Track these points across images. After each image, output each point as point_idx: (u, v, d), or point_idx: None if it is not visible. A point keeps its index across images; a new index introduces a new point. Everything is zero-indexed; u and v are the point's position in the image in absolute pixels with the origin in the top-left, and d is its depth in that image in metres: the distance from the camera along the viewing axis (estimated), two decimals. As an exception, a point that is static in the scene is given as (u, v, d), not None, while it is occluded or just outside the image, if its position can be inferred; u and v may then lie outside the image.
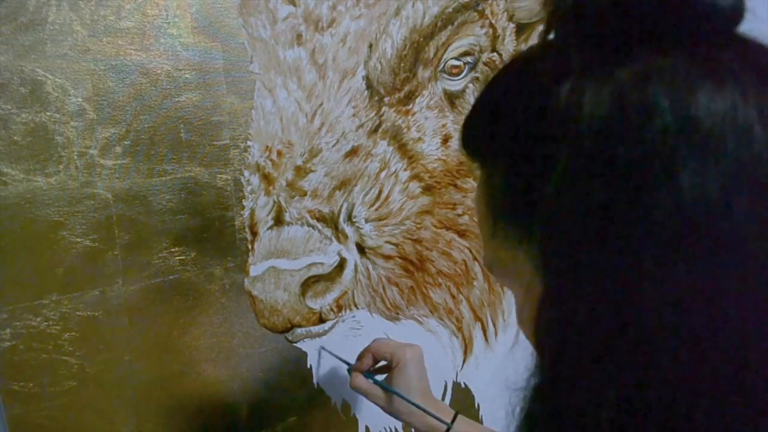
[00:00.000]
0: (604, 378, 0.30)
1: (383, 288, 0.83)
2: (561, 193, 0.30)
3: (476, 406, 1.03)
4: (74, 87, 0.59)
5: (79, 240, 0.63)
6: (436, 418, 0.66)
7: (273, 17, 0.67)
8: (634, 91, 0.28)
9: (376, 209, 0.79)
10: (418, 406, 0.66)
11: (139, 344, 0.69)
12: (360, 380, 0.71)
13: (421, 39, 0.75)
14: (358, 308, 0.81)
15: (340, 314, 0.80)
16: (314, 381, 0.82)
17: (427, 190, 0.83)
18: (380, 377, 0.73)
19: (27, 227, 0.60)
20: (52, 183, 0.60)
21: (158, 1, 0.61)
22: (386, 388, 0.69)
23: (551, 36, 0.34)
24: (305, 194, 0.73)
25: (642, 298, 0.28)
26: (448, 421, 0.65)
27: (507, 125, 0.34)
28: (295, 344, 0.80)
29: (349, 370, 0.74)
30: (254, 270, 0.73)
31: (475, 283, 0.93)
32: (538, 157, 0.31)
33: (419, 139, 0.80)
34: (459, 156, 0.84)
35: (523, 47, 0.86)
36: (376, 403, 0.71)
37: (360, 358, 0.74)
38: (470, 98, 0.83)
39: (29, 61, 0.57)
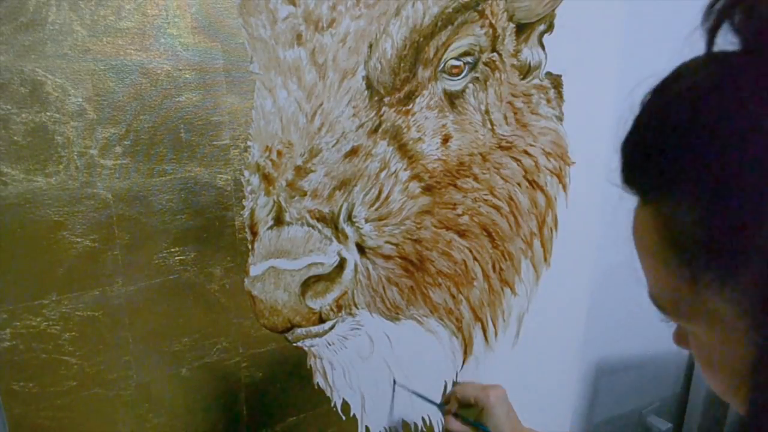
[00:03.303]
0: None
1: (383, 288, 0.83)
2: None
3: (476, 406, 1.03)
4: (74, 87, 0.59)
5: (79, 240, 0.63)
6: None
7: (273, 17, 0.67)
8: None
9: (376, 209, 0.79)
10: None
11: (139, 344, 0.69)
12: (454, 423, 0.76)
13: (421, 39, 0.75)
14: (358, 308, 0.81)
15: (339, 314, 0.80)
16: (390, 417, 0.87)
17: (427, 190, 0.83)
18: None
19: (27, 227, 0.60)
20: (52, 183, 0.60)
21: (158, 1, 0.61)
22: (481, 428, 0.73)
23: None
24: (305, 194, 0.73)
25: None
26: None
27: (702, 153, 0.28)
28: (295, 344, 0.80)
29: (441, 410, 0.80)
30: (254, 270, 0.73)
31: (475, 283, 0.93)
32: (755, 191, 0.27)
33: (419, 139, 0.80)
34: (459, 156, 0.84)
35: (523, 47, 0.86)
36: None
37: (447, 401, 0.78)
38: (470, 98, 0.83)
39: (29, 61, 0.57)
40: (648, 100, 0.33)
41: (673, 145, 0.30)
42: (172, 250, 0.68)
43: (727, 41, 0.30)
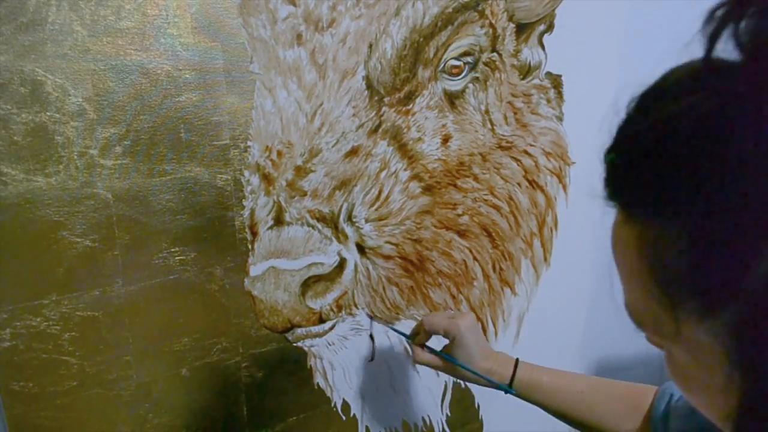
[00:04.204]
0: None
1: (383, 288, 0.83)
2: None
3: (476, 406, 1.03)
4: (74, 87, 0.59)
5: (79, 240, 0.63)
6: (493, 384, 0.70)
7: (273, 17, 0.67)
8: None
9: (376, 209, 0.79)
10: (476, 374, 0.70)
11: (139, 344, 0.69)
12: (422, 355, 0.75)
13: (421, 39, 0.75)
14: (358, 308, 0.81)
15: (340, 314, 0.80)
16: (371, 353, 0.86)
17: (427, 190, 0.83)
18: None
19: (27, 227, 0.60)
20: (52, 183, 0.60)
21: (158, 1, 0.61)
22: (448, 359, 0.73)
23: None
24: (305, 194, 0.73)
25: None
26: (506, 383, 0.69)
27: (698, 183, 0.26)
28: (295, 344, 0.80)
29: (408, 343, 0.79)
30: (254, 270, 0.73)
31: (475, 283, 0.93)
32: (749, 232, 0.25)
33: (419, 139, 0.80)
34: (459, 156, 0.84)
35: (523, 47, 0.86)
36: (441, 371, 0.75)
37: (415, 334, 0.77)
38: (470, 98, 0.83)
39: (29, 61, 0.57)
40: (638, 108, 0.30)
41: (667, 167, 0.27)
42: (172, 250, 0.68)
43: (728, 47, 0.28)
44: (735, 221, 0.25)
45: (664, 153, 0.28)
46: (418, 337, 0.76)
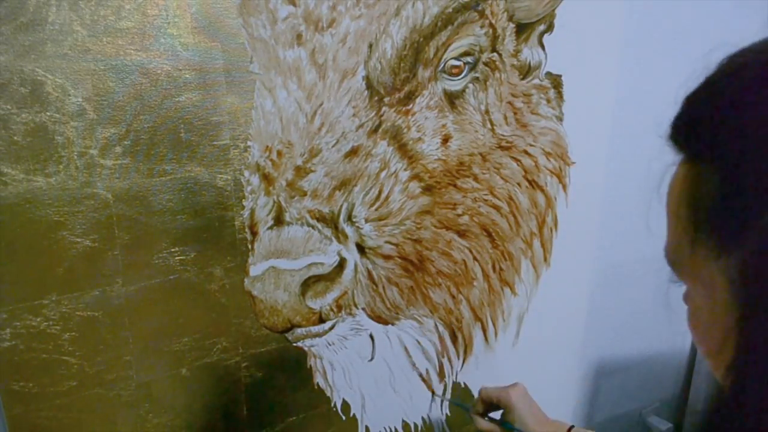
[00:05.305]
0: None
1: (383, 288, 0.83)
2: None
3: (476, 406, 1.03)
4: (74, 87, 0.59)
5: (79, 240, 0.63)
6: None
7: (273, 17, 0.67)
8: None
9: (376, 209, 0.79)
10: None
11: (139, 344, 0.69)
12: (482, 423, 0.82)
13: (421, 39, 0.75)
14: (358, 308, 0.81)
15: (339, 314, 0.80)
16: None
17: (427, 190, 0.83)
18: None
19: (27, 227, 0.60)
20: (52, 183, 0.60)
21: (158, 1, 0.61)
22: (506, 425, 0.78)
23: None
24: (305, 194, 0.73)
25: None
26: None
27: (742, 131, 0.30)
28: (295, 344, 0.80)
29: (469, 415, 0.85)
30: (254, 270, 0.73)
31: (475, 283, 0.93)
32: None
33: (419, 139, 0.80)
34: (459, 156, 0.84)
35: (523, 47, 0.86)
36: None
37: (475, 404, 0.84)
38: (470, 98, 0.83)
39: (29, 61, 0.57)
40: (718, 65, 0.34)
41: (713, 117, 0.32)
42: (172, 250, 0.68)
43: None
44: (757, 173, 0.29)
45: (714, 104, 0.32)
46: (476, 407, 0.82)
